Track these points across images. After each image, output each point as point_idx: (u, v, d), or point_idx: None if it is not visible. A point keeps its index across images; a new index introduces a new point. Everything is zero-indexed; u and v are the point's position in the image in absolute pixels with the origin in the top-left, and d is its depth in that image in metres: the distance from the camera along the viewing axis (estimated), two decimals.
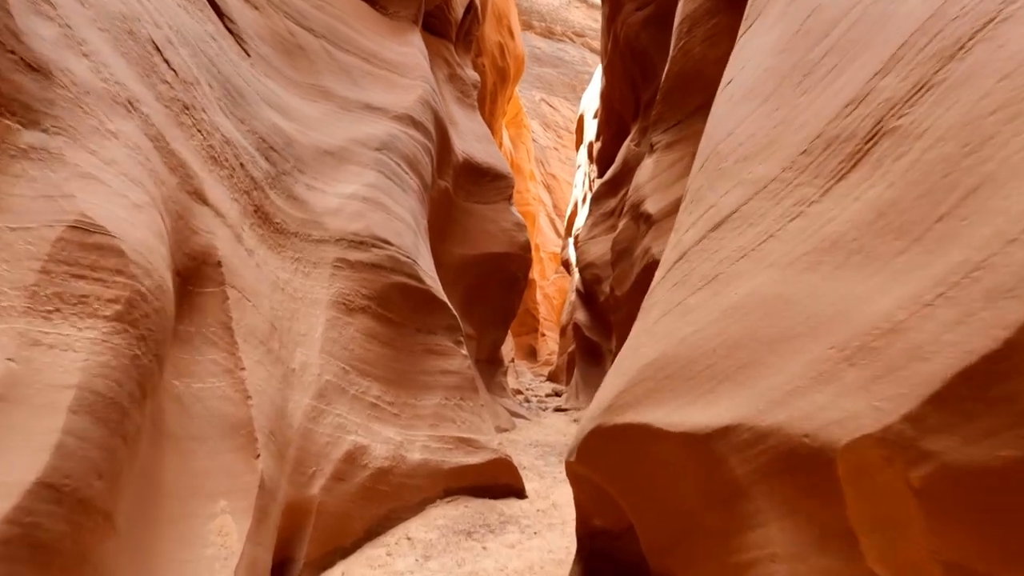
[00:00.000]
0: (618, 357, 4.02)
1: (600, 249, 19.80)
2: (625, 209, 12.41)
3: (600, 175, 23.24)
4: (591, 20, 68.47)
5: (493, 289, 15.91)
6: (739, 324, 2.77)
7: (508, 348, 31.77)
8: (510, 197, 16.01)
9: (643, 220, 11.34)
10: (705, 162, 4.23)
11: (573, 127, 58.14)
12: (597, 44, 66.57)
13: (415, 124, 9.52)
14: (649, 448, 3.11)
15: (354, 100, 8.57)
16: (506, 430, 13.80)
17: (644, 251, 11.01)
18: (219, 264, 4.08)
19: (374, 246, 6.86)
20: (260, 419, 3.83)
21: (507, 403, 16.87)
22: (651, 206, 11.11)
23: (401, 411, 6.65)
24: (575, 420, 17.30)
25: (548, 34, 65.51)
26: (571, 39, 67.11)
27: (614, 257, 12.59)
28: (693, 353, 2.96)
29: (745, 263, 3.03)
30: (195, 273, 3.95)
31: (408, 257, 7.26)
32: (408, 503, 6.21)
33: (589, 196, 26.27)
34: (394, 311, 7.01)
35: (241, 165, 5.41)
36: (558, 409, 19.98)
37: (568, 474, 4.49)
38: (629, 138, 18.48)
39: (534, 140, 53.48)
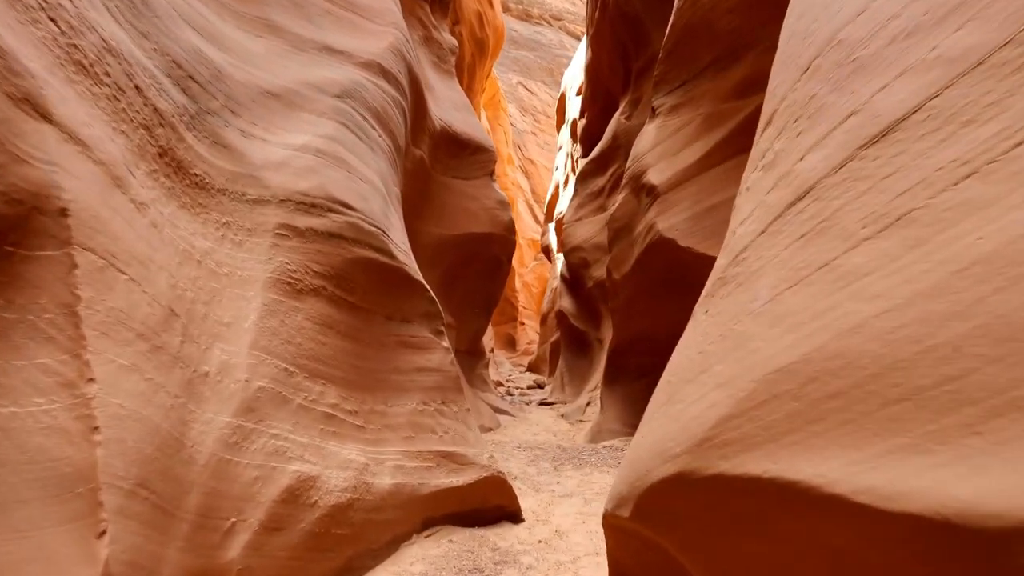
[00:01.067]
0: (688, 355, 2.62)
1: (587, 231, 18.43)
2: (622, 183, 11.02)
3: (585, 154, 21.84)
4: (568, 3, 67.06)
5: (474, 273, 14.45)
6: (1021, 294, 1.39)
7: (487, 338, 30.38)
8: (492, 172, 14.53)
9: (645, 193, 9.97)
10: (814, 62, 2.82)
11: (551, 111, 56.68)
12: (575, 28, 65.11)
13: (385, 74, 7.99)
14: (793, 518, 1.73)
15: (309, 39, 7.02)
16: (490, 429, 12.40)
17: (648, 227, 9.64)
18: (64, 213, 2.58)
19: (331, 210, 5.36)
20: (119, 463, 2.36)
21: (490, 398, 15.47)
22: (655, 176, 9.73)
23: (367, 421, 5.18)
24: (562, 415, 15.97)
25: (525, 17, 63.82)
26: (548, 22, 65.53)
27: (611, 236, 11.22)
28: (894, 352, 1.57)
29: (979, 184, 1.65)
30: (20, 225, 2.46)
31: (375, 226, 5.77)
32: (375, 545, 4.75)
33: (572, 177, 24.89)
34: (357, 294, 5.52)
35: (136, 88, 3.87)
36: (543, 403, 18.65)
37: (606, 525, 3.12)
38: (619, 111, 17.10)
39: (511, 124, 51.94)
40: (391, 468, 5.08)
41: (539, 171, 52.70)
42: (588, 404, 15.53)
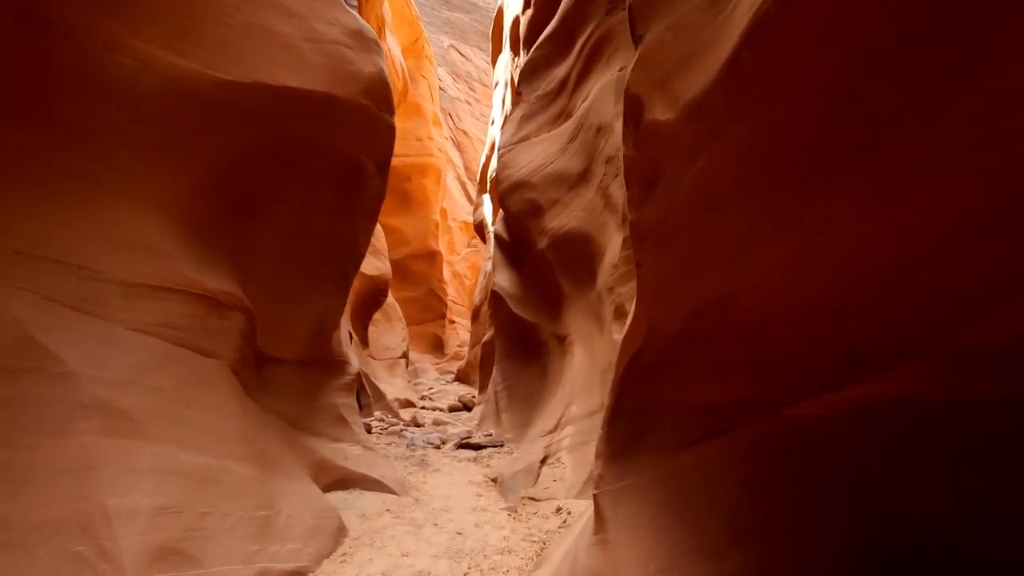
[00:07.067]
0: None
1: (538, 155, 10.87)
2: None
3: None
4: None
5: (305, 187, 6.65)
6: None
7: (398, 338, 22.43)
8: None
9: None
10: None
11: (487, 79, 49.09)
12: None
13: None
14: None
15: None
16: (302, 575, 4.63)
17: None
18: None
19: None
20: None
21: (351, 453, 7.65)
22: None
23: None
24: (495, 480, 8.31)
25: None
26: None
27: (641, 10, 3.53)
28: None
29: None
30: None
31: None
32: None
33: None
34: None
35: None
36: (464, 445, 10.94)
37: None
38: None
39: (442, 90, 44.13)
40: None
41: (474, 144, 45.08)
42: (544, 461, 7.93)
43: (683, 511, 3.83)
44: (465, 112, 47.03)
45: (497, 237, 13.45)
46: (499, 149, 12.24)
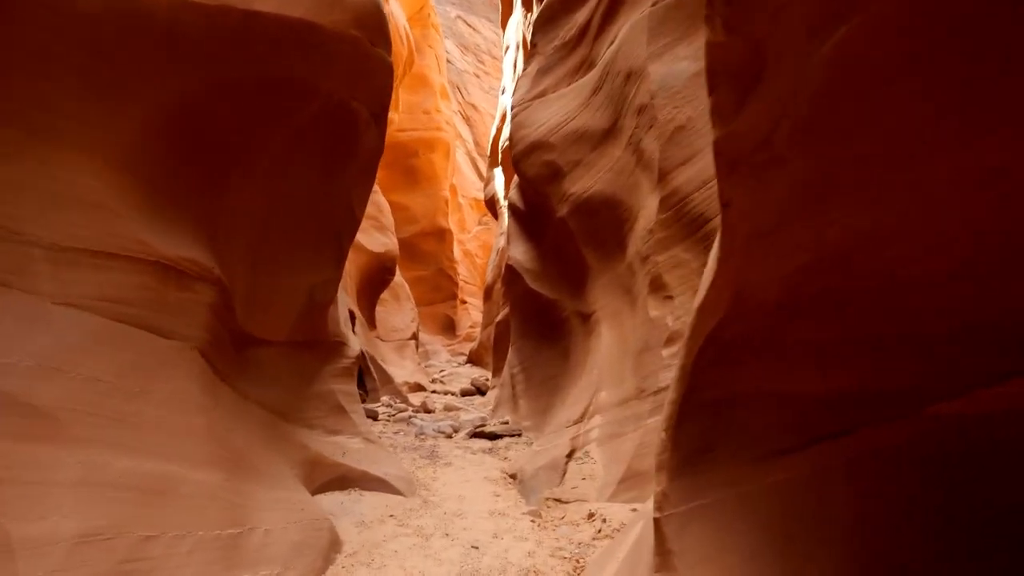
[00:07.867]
0: None
1: (557, 112, 9.76)
2: None
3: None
4: None
5: (289, 137, 5.63)
6: None
7: (407, 318, 21.50)
8: None
9: None
10: None
11: (496, 51, 47.61)
12: None
13: None
14: None
15: None
16: None
17: None
18: None
19: None
20: None
21: (350, 447, 6.73)
22: None
23: None
24: (514, 476, 7.36)
25: None
26: None
27: None
28: None
29: None
30: None
31: None
32: None
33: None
34: None
35: None
36: (478, 434, 10.00)
37: None
38: None
39: (450, 63, 42.77)
40: None
41: (484, 119, 43.71)
42: (571, 456, 6.96)
43: (778, 542, 2.83)
44: (474, 85, 45.63)
45: (511, 206, 12.39)
46: (512, 108, 11.14)
